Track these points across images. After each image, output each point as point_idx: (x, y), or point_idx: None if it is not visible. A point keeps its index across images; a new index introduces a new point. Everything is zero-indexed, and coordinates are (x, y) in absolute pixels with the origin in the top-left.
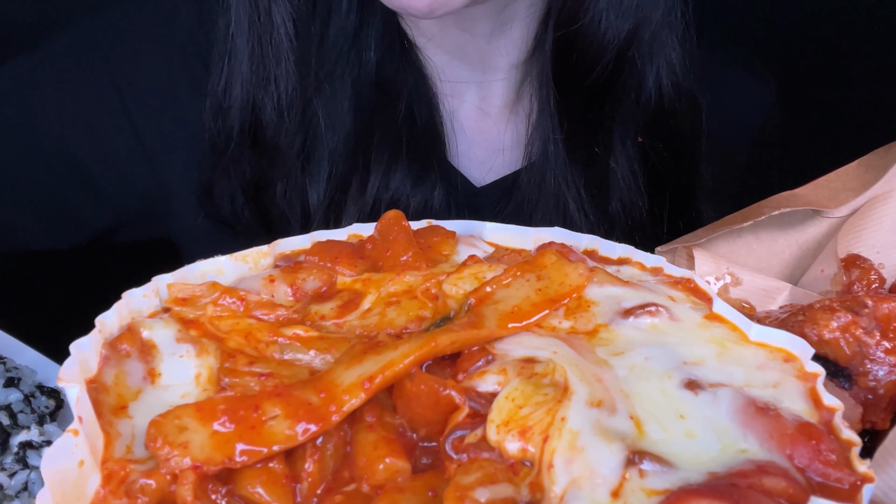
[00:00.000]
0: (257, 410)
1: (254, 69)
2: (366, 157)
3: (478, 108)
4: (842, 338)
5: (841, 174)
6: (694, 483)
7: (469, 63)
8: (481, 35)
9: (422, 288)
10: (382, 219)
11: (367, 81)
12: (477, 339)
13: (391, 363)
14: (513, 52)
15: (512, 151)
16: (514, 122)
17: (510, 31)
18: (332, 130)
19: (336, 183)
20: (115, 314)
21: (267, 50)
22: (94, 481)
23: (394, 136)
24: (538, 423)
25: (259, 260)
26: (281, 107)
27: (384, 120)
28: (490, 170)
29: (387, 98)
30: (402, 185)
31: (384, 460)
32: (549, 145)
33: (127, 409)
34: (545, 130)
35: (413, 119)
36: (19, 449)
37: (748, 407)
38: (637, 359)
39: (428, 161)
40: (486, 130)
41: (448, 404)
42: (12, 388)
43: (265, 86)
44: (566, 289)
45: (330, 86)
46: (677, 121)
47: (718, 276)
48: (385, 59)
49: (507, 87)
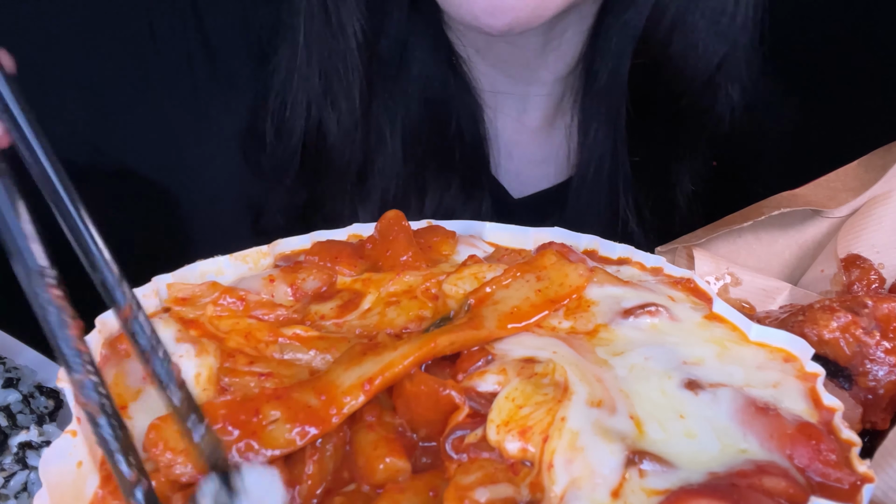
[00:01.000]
0: (257, 415)
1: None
2: (419, 173)
3: (516, 120)
4: (842, 338)
5: (841, 174)
6: (694, 483)
7: (513, 76)
8: (530, 49)
9: (422, 288)
10: (382, 219)
11: (417, 96)
12: (476, 340)
13: (391, 364)
14: (559, 66)
15: (547, 165)
16: (552, 135)
17: (559, 45)
18: (384, 148)
19: (394, 201)
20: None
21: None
22: (93, 482)
23: (447, 152)
24: (538, 423)
25: (259, 260)
26: (345, 124)
27: (435, 136)
28: (525, 182)
29: (436, 113)
30: (455, 201)
31: (384, 460)
32: (608, 163)
33: (127, 409)
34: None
35: (461, 134)
36: (18, 449)
37: (748, 407)
38: (637, 359)
39: (477, 176)
40: (522, 143)
41: (448, 404)
42: (11, 388)
43: (332, 101)
44: (566, 290)
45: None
46: (747, 143)
47: (718, 277)
48: (434, 74)
49: (548, 101)
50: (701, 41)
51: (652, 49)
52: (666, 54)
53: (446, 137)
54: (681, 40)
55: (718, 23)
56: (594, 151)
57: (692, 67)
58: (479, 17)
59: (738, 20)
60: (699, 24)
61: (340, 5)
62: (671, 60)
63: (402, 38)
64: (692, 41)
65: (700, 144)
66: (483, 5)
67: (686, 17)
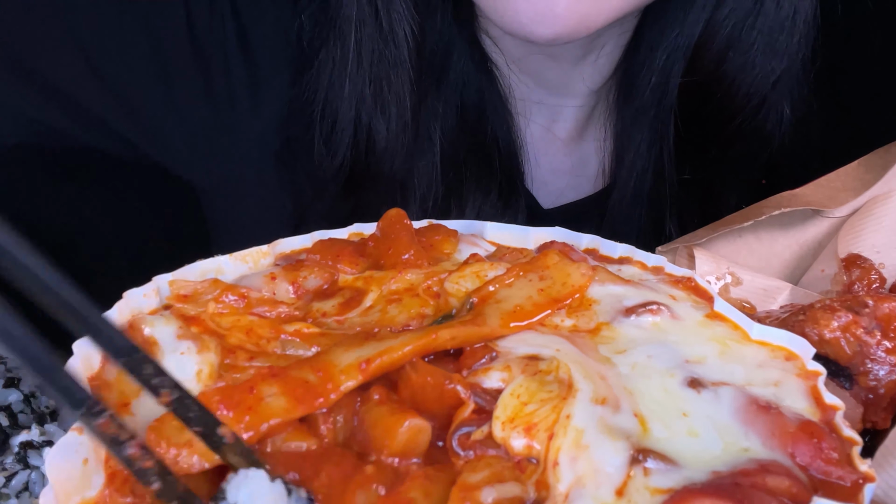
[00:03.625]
0: (252, 391)
1: (372, 88)
2: (458, 181)
3: (546, 130)
4: (842, 337)
5: (841, 174)
6: (698, 482)
7: (547, 87)
8: (567, 61)
9: (423, 286)
10: (384, 217)
11: (454, 103)
12: (478, 336)
13: (390, 349)
14: (595, 79)
15: (576, 176)
16: (581, 147)
17: (597, 59)
18: (428, 154)
19: (432, 210)
20: (116, 313)
21: (386, 67)
22: (98, 480)
23: (485, 160)
24: (543, 420)
25: (259, 259)
26: (394, 130)
27: (473, 144)
28: (553, 192)
29: (473, 120)
30: (493, 210)
31: (404, 423)
32: (650, 178)
33: (129, 406)
34: (643, 164)
35: (497, 141)
36: (20, 449)
37: (750, 405)
38: (639, 357)
39: (514, 184)
40: (551, 153)
41: (453, 399)
42: (12, 388)
43: (382, 107)
44: (568, 289)
45: (429, 106)
46: (795, 160)
47: (719, 276)
48: (471, 81)
49: (580, 112)
50: (758, 60)
51: (705, 67)
52: (719, 72)
53: (484, 144)
54: (736, 59)
55: (776, 41)
56: (636, 165)
57: (747, 86)
58: (526, 26)
59: (795, 38)
60: (756, 42)
61: (392, 10)
62: (725, 79)
63: (444, 44)
64: (748, 60)
65: (749, 161)
66: (531, 14)
67: (742, 35)
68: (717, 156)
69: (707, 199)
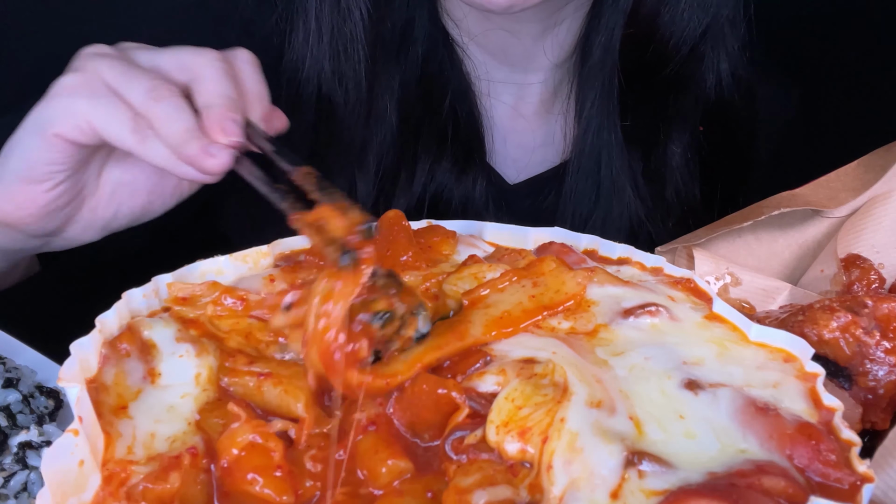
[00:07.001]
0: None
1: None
2: (413, 149)
3: (512, 108)
4: (842, 338)
5: (841, 174)
6: (693, 483)
7: (510, 63)
8: (528, 36)
9: (422, 287)
10: (383, 218)
11: (414, 76)
12: (462, 349)
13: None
14: (556, 53)
15: (545, 150)
16: (548, 121)
17: (558, 32)
18: (382, 122)
19: (385, 174)
20: (115, 314)
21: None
22: (95, 481)
23: (439, 130)
24: (537, 424)
25: (259, 260)
26: (351, 100)
27: (429, 114)
28: (521, 168)
29: (431, 93)
30: (447, 178)
31: (386, 463)
32: (604, 134)
33: (127, 409)
34: (597, 121)
35: (456, 115)
36: (18, 449)
37: (748, 407)
38: (637, 359)
39: (470, 156)
40: (518, 130)
41: (449, 404)
42: (11, 388)
43: (339, 79)
44: (561, 297)
45: (385, 80)
46: (735, 111)
47: (718, 276)
48: (430, 56)
49: (545, 88)
50: (686, 14)
51: (641, 21)
52: (654, 24)
53: (440, 114)
54: (667, 11)
55: None
56: (590, 125)
57: (678, 35)
58: None
59: None
60: None
61: None
62: (658, 30)
63: (403, 22)
64: (678, 13)
65: (687, 109)
66: None
67: None
68: (658, 106)
69: (650, 145)
